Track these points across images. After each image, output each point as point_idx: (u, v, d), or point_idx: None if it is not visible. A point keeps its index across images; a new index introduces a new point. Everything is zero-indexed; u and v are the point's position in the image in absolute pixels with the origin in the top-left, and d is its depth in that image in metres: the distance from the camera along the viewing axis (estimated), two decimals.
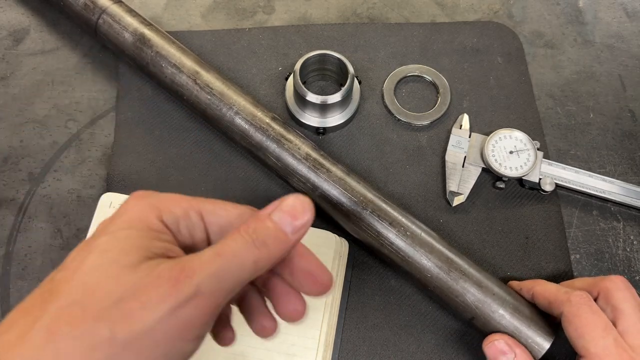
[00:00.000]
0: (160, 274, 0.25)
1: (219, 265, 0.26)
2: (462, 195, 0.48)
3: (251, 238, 0.27)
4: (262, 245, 0.27)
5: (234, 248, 0.26)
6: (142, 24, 0.51)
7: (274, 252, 0.27)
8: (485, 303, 0.40)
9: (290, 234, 0.28)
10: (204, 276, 0.25)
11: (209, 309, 0.25)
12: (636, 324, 0.35)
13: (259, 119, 0.47)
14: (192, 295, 0.24)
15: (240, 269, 0.26)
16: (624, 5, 0.61)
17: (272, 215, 0.28)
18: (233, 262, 0.26)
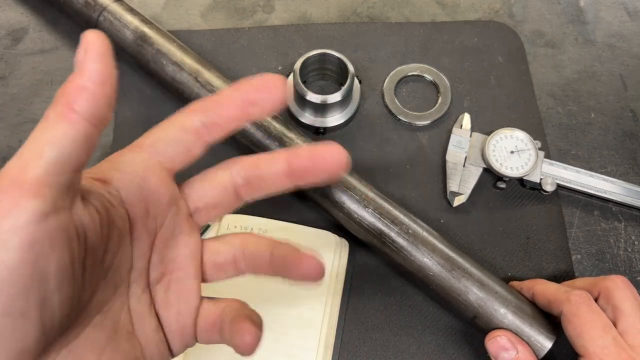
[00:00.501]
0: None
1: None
2: (462, 195, 0.48)
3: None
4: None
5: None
6: (142, 22, 0.51)
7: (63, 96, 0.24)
8: (487, 302, 0.40)
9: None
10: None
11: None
12: (636, 324, 0.35)
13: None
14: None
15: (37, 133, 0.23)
16: (625, 5, 0.60)
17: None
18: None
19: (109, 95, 0.24)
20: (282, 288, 0.44)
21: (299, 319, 0.43)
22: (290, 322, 0.43)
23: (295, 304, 0.43)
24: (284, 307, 0.43)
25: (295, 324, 0.43)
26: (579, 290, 0.37)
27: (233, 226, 0.46)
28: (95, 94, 0.24)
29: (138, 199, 0.28)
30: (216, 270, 0.32)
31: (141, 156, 0.29)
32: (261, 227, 0.46)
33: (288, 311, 0.43)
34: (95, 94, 0.24)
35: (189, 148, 0.30)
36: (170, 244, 0.30)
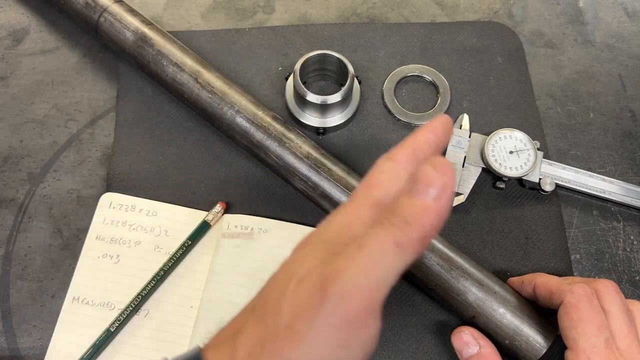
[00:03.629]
0: (307, 282, 0.25)
1: (362, 258, 0.24)
2: (462, 195, 0.48)
3: (387, 220, 0.25)
4: (401, 224, 0.24)
5: (373, 236, 0.24)
6: (142, 23, 0.51)
7: (417, 227, 0.24)
8: (486, 302, 0.40)
9: (432, 200, 0.24)
10: (349, 275, 0.24)
11: (363, 306, 0.24)
12: (623, 327, 0.36)
13: (260, 118, 0.47)
14: (340, 297, 0.23)
15: (383, 257, 0.24)
16: (624, 5, 0.61)
17: (408, 189, 0.25)
18: (374, 250, 0.24)
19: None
20: None
21: None
22: None
23: None
24: None
25: None
26: (584, 285, 0.37)
27: (233, 226, 0.46)
28: (440, 223, 0.25)
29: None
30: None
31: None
32: (261, 227, 0.46)
33: None
34: (440, 223, 0.25)
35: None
36: None
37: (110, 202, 0.48)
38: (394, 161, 0.29)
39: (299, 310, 0.24)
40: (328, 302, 0.23)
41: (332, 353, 0.24)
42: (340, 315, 0.24)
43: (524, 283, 0.42)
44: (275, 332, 0.25)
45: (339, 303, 0.24)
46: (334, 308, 0.24)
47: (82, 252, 0.46)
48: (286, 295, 0.25)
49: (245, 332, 0.26)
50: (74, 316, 0.44)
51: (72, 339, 0.43)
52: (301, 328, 0.24)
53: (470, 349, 0.39)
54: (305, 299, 0.24)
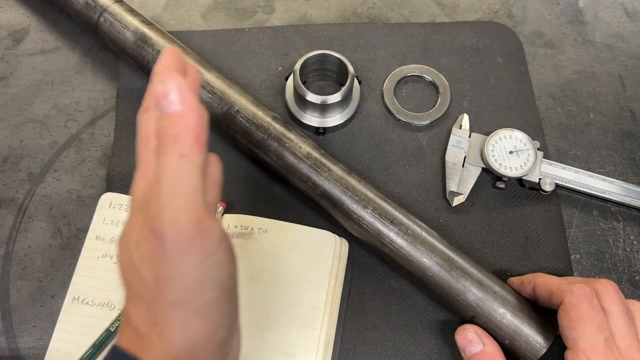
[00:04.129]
0: (141, 238, 0.27)
1: (163, 187, 0.26)
2: (462, 195, 0.48)
3: (161, 147, 0.26)
4: (172, 140, 0.26)
5: (160, 166, 0.26)
6: (142, 23, 0.51)
7: (185, 133, 0.26)
8: (486, 302, 0.40)
9: (179, 105, 0.26)
10: (165, 207, 0.25)
11: (192, 217, 0.26)
12: (622, 327, 0.36)
13: (260, 118, 0.47)
14: (171, 227, 0.25)
15: (178, 173, 0.26)
16: (624, 5, 0.61)
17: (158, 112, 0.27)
18: (168, 175, 0.26)
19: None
20: (282, 288, 0.44)
21: (299, 318, 0.43)
22: (290, 322, 0.43)
23: (296, 303, 0.43)
24: (284, 307, 0.43)
25: (295, 323, 0.43)
26: (584, 285, 0.37)
27: (233, 226, 0.46)
28: (198, 113, 0.27)
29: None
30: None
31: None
32: (261, 227, 0.46)
33: (288, 311, 0.43)
34: (199, 113, 0.27)
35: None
36: None
37: (110, 202, 0.48)
38: (148, 109, 0.31)
39: (151, 262, 0.26)
40: (165, 237, 0.25)
41: (200, 268, 0.26)
42: (182, 237, 0.25)
43: (523, 283, 0.42)
44: (150, 293, 0.26)
45: (173, 230, 0.25)
46: (173, 237, 0.25)
47: (82, 252, 0.46)
48: (134, 260, 0.27)
49: (132, 311, 0.28)
50: (74, 316, 0.44)
51: (72, 339, 0.43)
52: (164, 273, 0.26)
53: (474, 347, 0.40)
54: (150, 251, 0.26)
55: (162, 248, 0.25)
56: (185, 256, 0.26)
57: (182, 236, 0.25)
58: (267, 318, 0.43)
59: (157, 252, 0.26)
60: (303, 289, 0.44)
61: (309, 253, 0.45)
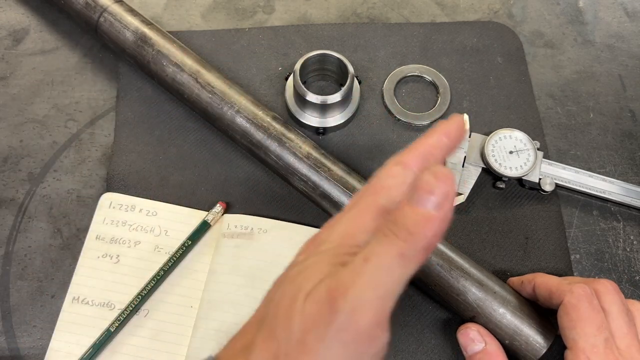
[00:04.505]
0: (316, 297, 0.25)
1: (368, 271, 0.24)
2: (462, 195, 0.48)
3: (391, 231, 0.25)
4: (405, 235, 0.24)
5: (377, 248, 0.25)
6: (142, 23, 0.51)
7: (420, 237, 0.24)
8: (486, 302, 0.40)
9: (433, 210, 0.24)
10: (357, 289, 0.24)
11: (372, 319, 0.24)
12: (622, 327, 0.36)
13: (260, 118, 0.47)
14: (349, 312, 0.24)
15: (388, 269, 0.24)
16: (624, 5, 0.61)
17: (409, 197, 0.25)
18: (379, 263, 0.24)
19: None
20: None
21: None
22: None
23: None
24: None
25: None
26: (584, 285, 0.37)
27: (234, 226, 0.46)
28: (442, 231, 0.25)
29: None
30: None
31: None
32: (261, 227, 0.46)
33: None
34: (442, 232, 0.25)
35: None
36: None
37: (110, 202, 0.48)
38: (403, 166, 0.29)
39: (310, 325, 0.25)
40: (338, 317, 0.24)
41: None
42: (351, 329, 0.24)
43: (523, 283, 0.42)
44: (287, 348, 0.25)
45: (349, 318, 0.24)
46: (344, 323, 0.24)
47: (82, 252, 0.46)
48: (295, 309, 0.25)
49: (257, 347, 0.26)
50: (74, 316, 0.44)
51: (72, 339, 0.43)
52: (313, 343, 0.24)
53: (476, 346, 0.40)
54: (315, 314, 0.25)
55: (327, 323, 0.24)
56: (340, 346, 0.24)
57: (351, 327, 0.24)
58: None
59: (321, 322, 0.24)
60: None
61: None
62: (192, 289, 0.45)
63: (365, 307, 0.24)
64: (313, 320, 0.25)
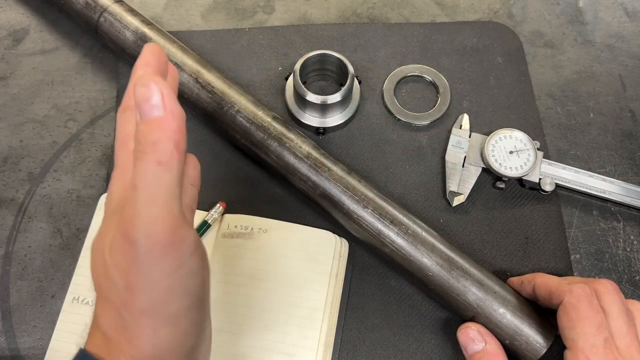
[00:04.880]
0: (114, 244, 0.27)
1: (139, 194, 0.25)
2: (462, 195, 0.48)
3: (140, 152, 0.26)
4: (150, 146, 0.26)
5: (137, 172, 0.26)
6: (142, 23, 0.51)
7: (163, 140, 0.26)
8: (486, 302, 0.40)
9: (158, 112, 0.26)
10: (139, 214, 0.25)
11: (167, 227, 0.26)
12: (622, 327, 0.36)
13: (260, 118, 0.47)
14: (144, 235, 0.25)
15: (155, 180, 0.26)
16: (624, 5, 0.61)
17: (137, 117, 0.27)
18: (144, 181, 0.26)
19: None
20: (282, 288, 0.44)
21: (299, 319, 0.43)
22: (290, 322, 0.43)
23: (296, 303, 0.43)
24: (284, 307, 0.43)
25: (295, 324, 0.43)
26: (583, 285, 0.37)
27: (234, 225, 0.46)
28: (178, 120, 0.27)
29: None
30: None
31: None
32: (261, 227, 0.46)
33: (288, 311, 0.43)
34: (178, 120, 0.27)
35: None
36: None
37: None
38: (129, 110, 0.31)
39: (124, 268, 0.26)
40: (138, 245, 0.25)
41: (173, 278, 0.26)
42: (156, 247, 0.25)
43: (523, 283, 0.42)
44: (121, 299, 0.27)
45: (147, 239, 0.25)
46: (146, 247, 0.25)
47: (82, 252, 0.46)
48: (107, 265, 0.27)
49: (101, 315, 0.28)
50: (74, 316, 0.44)
51: (72, 339, 0.43)
52: (135, 280, 0.26)
53: (476, 346, 0.40)
54: (122, 257, 0.26)
55: (134, 255, 0.25)
56: (157, 265, 0.26)
57: (155, 245, 0.25)
58: (267, 318, 0.43)
59: (130, 259, 0.26)
60: (303, 289, 0.44)
61: (309, 253, 0.45)
62: None
63: (155, 221, 0.25)
64: (124, 263, 0.26)
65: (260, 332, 0.43)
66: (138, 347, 0.26)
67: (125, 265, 0.26)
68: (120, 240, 0.26)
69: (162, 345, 0.27)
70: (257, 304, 0.44)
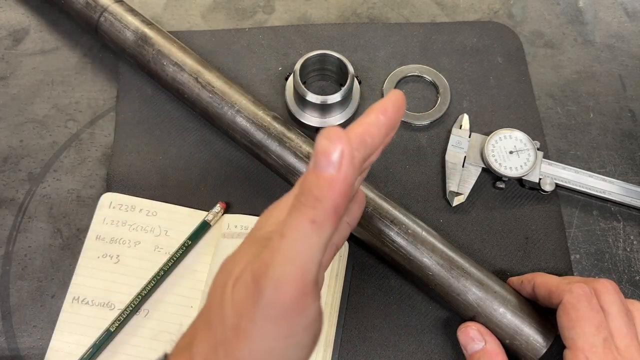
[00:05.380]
0: (242, 280, 0.26)
1: (284, 245, 0.25)
2: (462, 195, 0.48)
3: (300, 201, 0.25)
4: (312, 202, 0.24)
5: (289, 221, 0.25)
6: (143, 22, 0.51)
7: (326, 200, 0.24)
8: (486, 301, 0.40)
9: (333, 170, 0.24)
10: (276, 264, 0.24)
11: (296, 290, 0.25)
12: (622, 327, 0.36)
13: (261, 118, 0.47)
14: (272, 288, 0.24)
15: (303, 238, 0.25)
16: (624, 5, 0.61)
17: (309, 165, 0.25)
18: (293, 234, 0.25)
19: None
20: None
21: None
22: None
23: None
24: None
25: None
26: (582, 284, 0.37)
27: (234, 225, 0.46)
28: (348, 188, 0.25)
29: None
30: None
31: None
32: None
33: None
34: (348, 189, 0.25)
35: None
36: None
37: (110, 202, 0.48)
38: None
39: (240, 309, 0.25)
40: (263, 295, 0.24)
41: (279, 342, 0.25)
42: (277, 305, 0.25)
43: (523, 283, 0.42)
44: (223, 335, 0.26)
45: (273, 294, 0.24)
46: (270, 300, 0.24)
47: (82, 252, 0.46)
48: (226, 296, 0.26)
49: (198, 339, 0.27)
50: (74, 316, 0.44)
51: (72, 339, 0.43)
52: (245, 326, 0.25)
53: (476, 345, 0.40)
54: (243, 298, 0.25)
55: (255, 302, 0.25)
56: (271, 323, 0.25)
57: (277, 303, 0.25)
58: None
59: (250, 303, 0.25)
60: None
61: None
62: (192, 289, 0.45)
63: (287, 280, 0.24)
64: (242, 304, 0.25)
65: None
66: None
67: (242, 307, 0.25)
68: (248, 279, 0.25)
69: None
70: None
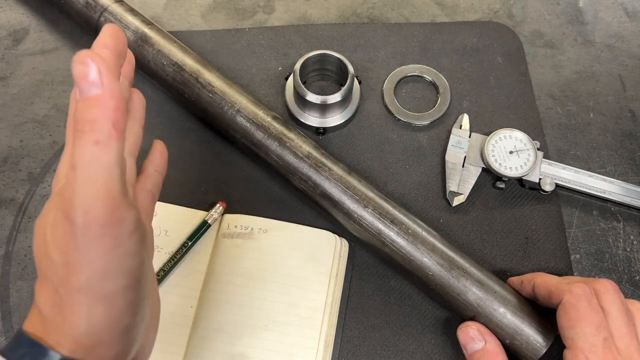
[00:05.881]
0: (54, 222, 0.27)
1: (78, 174, 0.25)
2: (462, 195, 0.48)
3: (78, 131, 0.25)
4: (89, 125, 0.25)
5: (75, 152, 0.26)
6: (143, 22, 0.51)
7: (101, 119, 0.25)
8: (486, 301, 0.40)
9: (98, 90, 0.25)
10: (78, 194, 0.25)
11: (105, 206, 0.26)
12: (622, 327, 0.36)
13: (261, 118, 0.47)
14: (82, 214, 0.25)
15: (93, 160, 0.25)
16: (624, 5, 0.61)
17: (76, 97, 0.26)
18: (83, 161, 0.25)
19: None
20: (282, 288, 0.44)
21: (299, 318, 0.43)
22: (290, 322, 0.43)
23: (295, 303, 0.43)
24: (284, 306, 0.43)
25: (295, 323, 0.43)
26: (582, 284, 0.37)
27: (233, 225, 0.46)
28: (119, 99, 0.26)
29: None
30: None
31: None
32: (261, 227, 0.46)
33: (288, 311, 0.43)
34: (119, 99, 0.26)
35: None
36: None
37: None
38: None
39: (62, 246, 0.26)
40: (76, 223, 0.25)
41: (109, 257, 0.26)
42: (93, 225, 0.25)
43: (523, 283, 0.42)
44: (58, 277, 0.27)
45: (85, 218, 0.25)
46: (84, 225, 0.25)
47: None
48: (47, 243, 0.27)
49: (39, 293, 0.28)
50: None
51: None
52: (72, 258, 0.26)
53: (476, 345, 0.40)
54: (62, 235, 0.26)
55: (72, 234, 0.26)
56: (94, 244, 0.26)
57: (92, 224, 0.25)
58: (267, 318, 0.43)
59: (68, 237, 0.26)
60: (303, 289, 0.44)
61: (309, 253, 0.45)
62: (192, 289, 0.45)
63: (92, 201, 0.25)
64: (63, 241, 0.26)
65: (260, 332, 0.43)
66: (73, 325, 0.27)
67: (64, 244, 0.26)
68: (60, 219, 0.26)
69: (96, 323, 0.27)
70: (257, 304, 0.44)
